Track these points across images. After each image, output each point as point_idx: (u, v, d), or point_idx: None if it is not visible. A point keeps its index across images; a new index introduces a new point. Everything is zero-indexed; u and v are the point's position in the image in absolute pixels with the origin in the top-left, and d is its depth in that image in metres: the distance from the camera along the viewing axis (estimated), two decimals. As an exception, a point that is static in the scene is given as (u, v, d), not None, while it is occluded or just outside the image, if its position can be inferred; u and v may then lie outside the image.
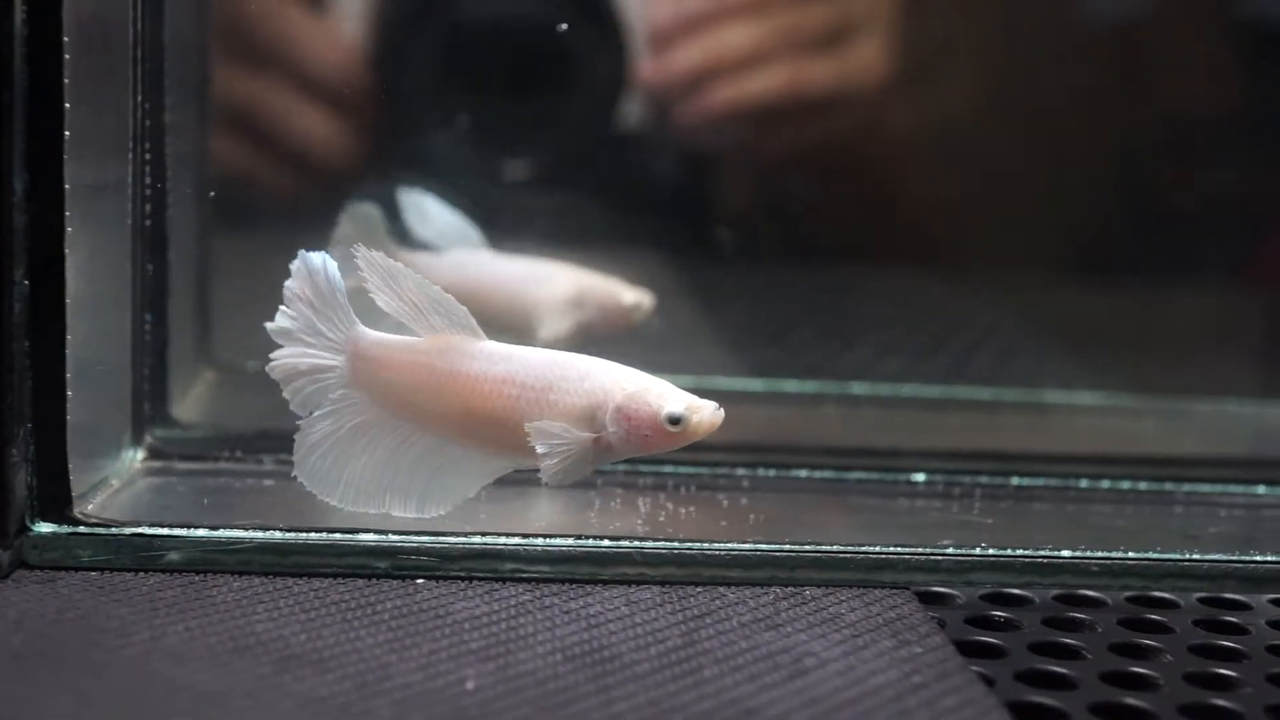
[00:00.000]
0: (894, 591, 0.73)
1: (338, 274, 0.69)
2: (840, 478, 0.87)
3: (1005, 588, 0.74)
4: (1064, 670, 0.65)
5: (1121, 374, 1.06)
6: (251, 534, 0.70)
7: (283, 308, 0.69)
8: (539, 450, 0.67)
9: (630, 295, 0.89)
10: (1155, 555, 0.75)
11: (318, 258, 0.68)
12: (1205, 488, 0.88)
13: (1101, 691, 0.63)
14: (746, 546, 0.72)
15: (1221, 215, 1.08)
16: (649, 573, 0.72)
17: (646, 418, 0.67)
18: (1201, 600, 0.75)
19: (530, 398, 0.68)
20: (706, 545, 0.72)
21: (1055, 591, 0.75)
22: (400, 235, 0.88)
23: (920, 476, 0.87)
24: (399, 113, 0.97)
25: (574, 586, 0.71)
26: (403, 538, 0.71)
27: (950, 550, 0.74)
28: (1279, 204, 1.08)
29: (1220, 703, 0.63)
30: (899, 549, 0.73)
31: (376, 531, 0.71)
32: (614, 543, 0.72)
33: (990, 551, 0.74)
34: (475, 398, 0.68)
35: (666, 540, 0.72)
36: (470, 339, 0.69)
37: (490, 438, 0.69)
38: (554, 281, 0.88)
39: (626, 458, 0.69)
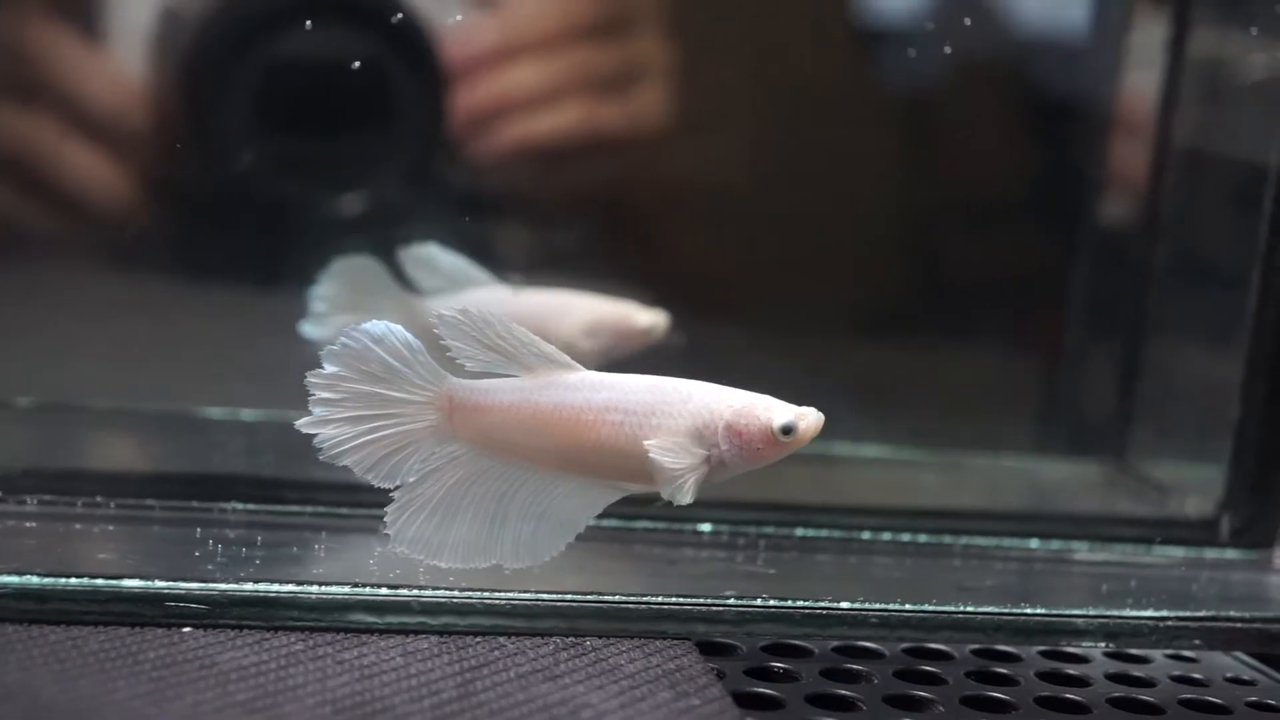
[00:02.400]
0: (675, 642, 0.72)
1: (406, 334, 0.66)
2: (627, 526, 0.86)
3: (786, 639, 0.74)
4: (839, 722, 0.65)
5: (906, 428, 1.08)
6: (6, 579, 0.67)
7: (321, 397, 0.66)
8: (664, 464, 0.66)
9: (645, 317, 0.89)
10: (930, 608, 0.76)
11: (378, 326, 0.66)
12: (981, 540, 0.90)
13: (874, 743, 0.64)
14: (527, 596, 0.71)
15: (1002, 283, 1.12)
16: (428, 621, 0.70)
17: (759, 432, 0.68)
18: (974, 652, 0.76)
19: (635, 423, 0.67)
20: (486, 594, 0.71)
21: (835, 643, 0.75)
22: (406, 284, 0.87)
23: (706, 527, 0.87)
24: (204, 151, 0.94)
25: (349, 636, 0.69)
26: (170, 584, 0.68)
27: (731, 601, 0.74)
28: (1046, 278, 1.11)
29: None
30: (680, 599, 0.73)
31: (142, 577, 0.68)
32: (391, 591, 0.70)
33: (771, 603, 0.74)
34: (581, 428, 0.67)
35: (446, 588, 0.71)
36: (567, 371, 0.68)
37: (597, 467, 0.68)
38: (571, 311, 0.88)
39: (740, 472, 0.69)
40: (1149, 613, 0.78)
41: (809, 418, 0.69)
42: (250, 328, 0.94)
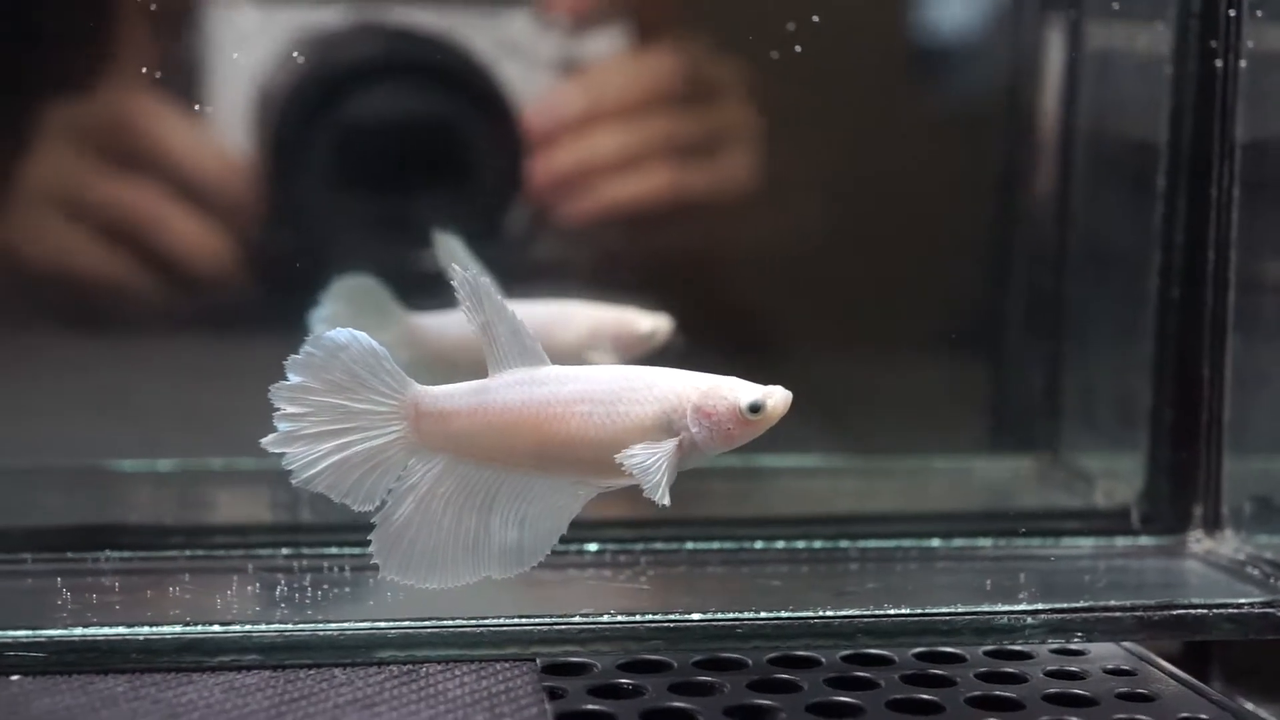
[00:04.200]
0: (518, 664, 0.71)
1: (371, 340, 0.65)
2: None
3: (637, 655, 0.73)
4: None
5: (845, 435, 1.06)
6: None
7: (287, 411, 0.64)
8: (636, 472, 0.65)
9: (646, 322, 0.89)
10: (785, 615, 0.74)
11: (342, 334, 0.64)
12: (875, 543, 0.88)
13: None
14: (361, 626, 0.71)
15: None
16: (260, 658, 0.69)
17: (727, 411, 0.67)
18: (845, 659, 0.75)
19: (602, 412, 0.66)
20: (320, 626, 0.70)
21: (697, 656, 0.74)
22: (404, 303, 0.87)
23: (593, 546, 0.86)
24: (289, 214, 0.96)
25: (178, 675, 0.69)
26: (3, 633, 0.68)
27: (576, 619, 0.72)
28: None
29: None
30: (519, 620, 0.72)
31: (-33, 628, 0.68)
32: (224, 628, 0.70)
33: (619, 619, 0.73)
34: (550, 422, 0.67)
35: (280, 624, 0.70)
36: (534, 368, 0.67)
37: (570, 462, 0.67)
38: (572, 321, 0.88)
39: (713, 454, 0.68)
40: (1021, 607, 0.76)
41: (776, 395, 0.68)
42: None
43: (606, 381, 0.68)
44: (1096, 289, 1.03)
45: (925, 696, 0.70)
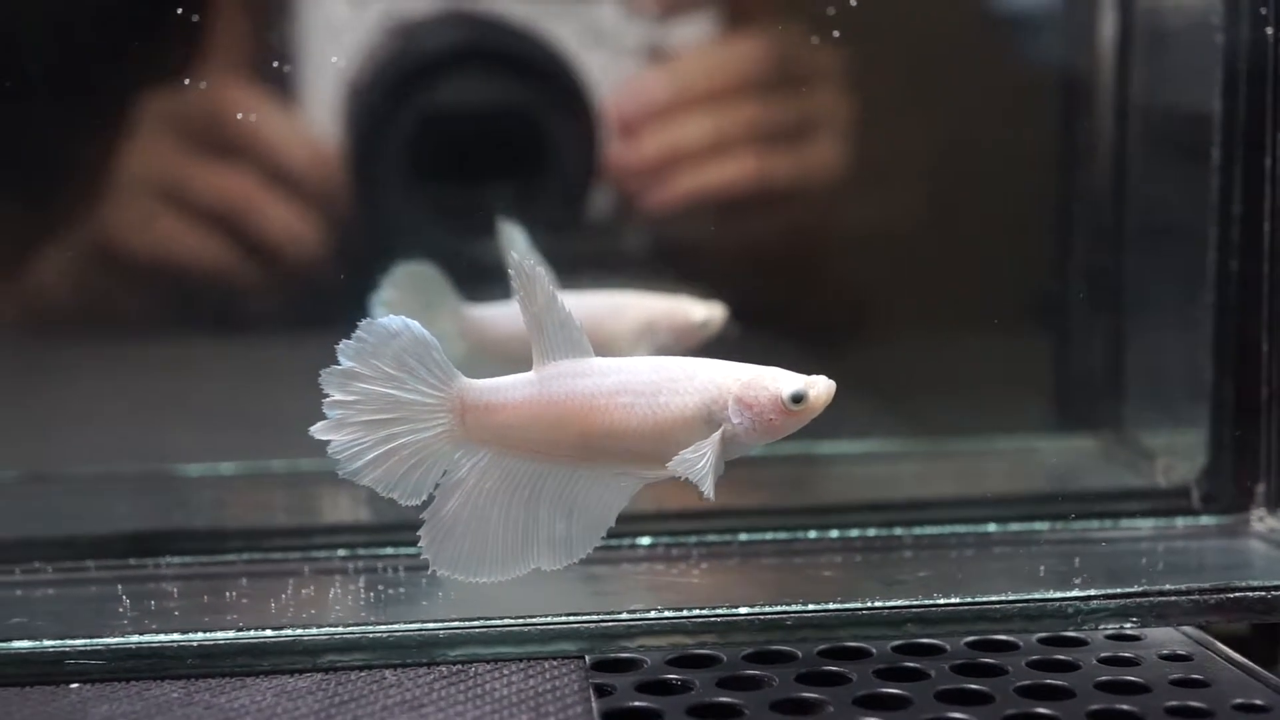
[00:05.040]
0: (565, 662, 0.72)
1: (423, 330, 0.66)
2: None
3: (686, 650, 0.73)
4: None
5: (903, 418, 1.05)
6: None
7: (335, 398, 0.65)
8: (683, 470, 0.66)
9: (700, 311, 0.89)
10: (833, 607, 0.74)
11: (395, 321, 0.65)
12: (932, 530, 0.87)
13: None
14: (411, 627, 0.72)
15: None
16: (314, 660, 0.70)
17: (769, 402, 0.67)
18: (896, 649, 0.74)
19: (645, 404, 0.67)
20: (369, 628, 0.71)
21: (746, 650, 0.74)
22: (479, 293, 0.88)
23: (646, 540, 0.86)
24: (372, 203, 0.97)
25: (231, 680, 0.70)
26: (59, 642, 0.70)
27: (624, 616, 0.73)
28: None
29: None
30: (568, 618, 0.72)
31: (29, 639, 0.70)
32: (275, 632, 0.71)
33: (666, 614, 0.73)
34: (594, 414, 0.67)
35: (330, 626, 0.71)
36: (578, 360, 0.68)
37: (613, 453, 0.68)
38: (625, 311, 0.88)
39: (756, 446, 0.68)
40: (1074, 593, 0.75)
41: (819, 385, 0.68)
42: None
43: (648, 373, 0.68)
44: (1157, 264, 1.01)
45: (975, 687, 0.69)
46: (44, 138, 0.95)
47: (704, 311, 0.89)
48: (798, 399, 0.67)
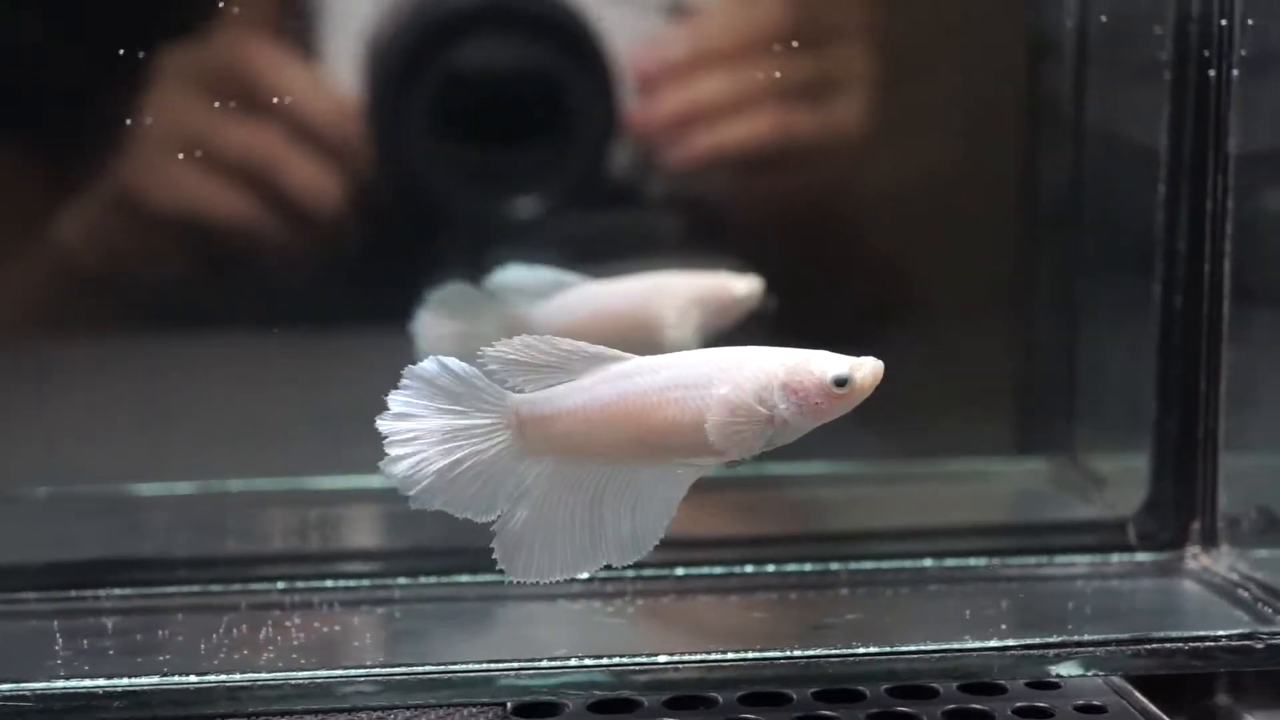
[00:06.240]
0: (485, 709, 0.73)
1: (460, 362, 0.67)
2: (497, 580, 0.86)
3: (605, 697, 0.74)
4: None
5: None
6: None
7: (396, 439, 0.66)
8: (714, 430, 0.67)
9: (741, 286, 0.90)
10: (754, 656, 0.75)
11: (429, 364, 0.67)
12: (869, 565, 0.88)
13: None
14: (335, 674, 0.73)
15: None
16: (236, 707, 0.72)
17: (814, 387, 0.67)
18: (816, 695, 0.75)
19: (696, 395, 0.67)
20: (291, 674, 0.72)
21: (665, 695, 0.75)
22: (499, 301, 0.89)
23: (583, 574, 0.87)
24: (392, 161, 0.97)
25: (149, 727, 0.71)
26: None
27: (544, 663, 0.74)
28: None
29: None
30: (489, 666, 0.73)
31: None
32: (198, 679, 0.72)
33: (586, 662, 0.74)
34: (649, 411, 0.68)
35: (253, 673, 0.72)
36: (619, 361, 0.69)
37: (671, 447, 0.68)
38: (668, 291, 0.89)
39: (805, 431, 0.68)
40: (992, 644, 0.76)
41: (865, 368, 0.67)
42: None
43: (697, 366, 0.68)
44: (1110, 293, 1.01)
45: (877, 741, 0.70)
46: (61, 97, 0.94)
47: (744, 287, 0.90)
48: (841, 382, 0.67)
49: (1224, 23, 0.85)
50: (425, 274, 0.91)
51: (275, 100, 0.95)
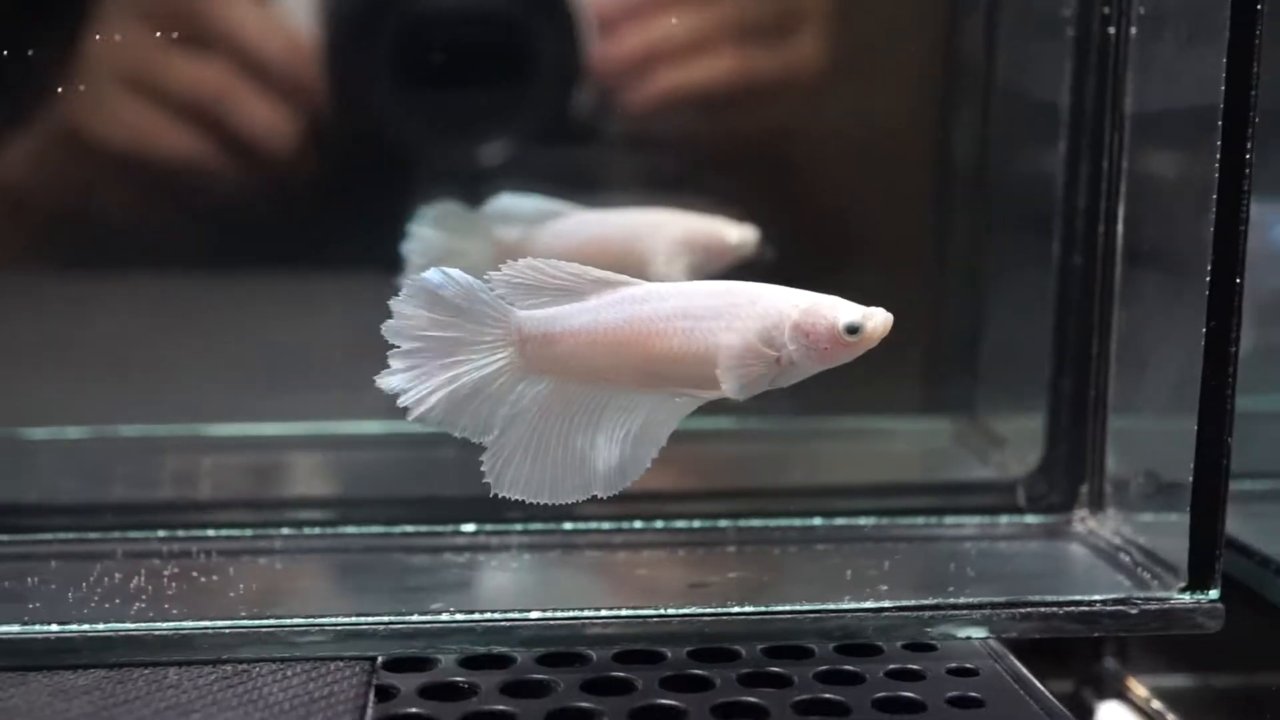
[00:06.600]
0: (353, 664, 0.72)
1: (464, 274, 0.66)
2: (387, 532, 0.86)
3: (474, 652, 0.74)
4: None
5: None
6: None
7: (400, 349, 0.66)
8: (722, 364, 0.66)
9: (735, 233, 0.89)
10: (627, 614, 0.74)
11: (435, 275, 0.66)
12: (758, 523, 0.88)
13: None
14: (200, 625, 0.72)
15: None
16: (98, 657, 0.71)
17: (825, 331, 0.67)
18: (690, 654, 0.75)
19: (705, 328, 0.67)
20: (155, 625, 0.71)
21: (539, 651, 0.74)
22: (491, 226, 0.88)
23: (470, 527, 0.86)
24: (352, 103, 0.95)
25: (13, 675, 0.70)
26: None
27: (414, 618, 0.73)
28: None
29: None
30: (357, 619, 0.73)
31: None
32: (60, 628, 0.71)
33: (458, 617, 0.73)
34: (654, 339, 0.67)
35: (115, 623, 0.71)
36: (629, 286, 0.68)
37: (674, 377, 0.68)
38: (662, 229, 0.88)
39: (810, 374, 0.69)
40: (866, 605, 0.75)
41: (876, 318, 0.67)
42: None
43: (709, 297, 0.68)
44: (1015, 252, 1.00)
45: (752, 700, 0.70)
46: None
47: (739, 234, 0.89)
48: (853, 330, 0.67)
49: (1123, -24, 0.83)
50: (382, 218, 0.90)
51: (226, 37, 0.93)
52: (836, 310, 0.67)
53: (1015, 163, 0.99)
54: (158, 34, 0.92)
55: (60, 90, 0.92)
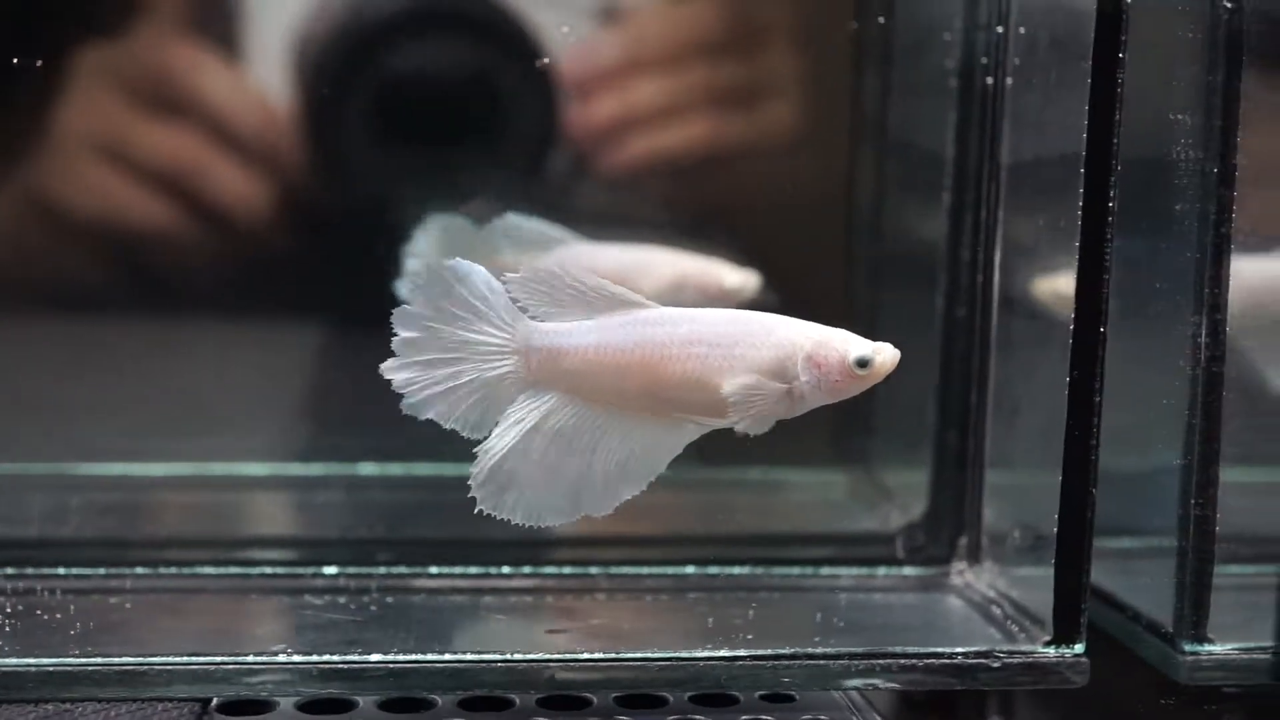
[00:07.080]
0: (182, 705, 0.70)
1: (485, 272, 0.66)
2: (245, 573, 0.84)
3: (315, 697, 0.71)
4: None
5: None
6: None
7: (404, 336, 0.66)
8: (732, 399, 0.66)
9: (734, 277, 0.88)
10: (473, 658, 0.72)
11: (463, 265, 0.65)
12: (629, 570, 0.86)
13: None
14: (25, 662, 0.69)
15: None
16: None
17: (836, 364, 0.67)
18: (540, 701, 0.73)
19: (719, 355, 0.66)
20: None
21: (378, 696, 0.72)
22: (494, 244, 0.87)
23: (331, 570, 0.84)
24: (324, 169, 0.95)
25: None
26: None
27: (249, 658, 0.71)
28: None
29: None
30: (188, 659, 0.70)
31: None
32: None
33: (295, 659, 0.71)
34: (665, 363, 0.66)
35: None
36: (644, 308, 0.67)
37: (681, 403, 0.67)
38: (654, 269, 0.87)
39: (818, 405, 0.68)
40: (722, 653, 0.73)
41: (885, 352, 0.68)
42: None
43: (723, 324, 0.67)
44: (908, 303, 0.99)
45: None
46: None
47: (737, 278, 0.88)
48: (863, 363, 0.67)
49: (1000, 29, 0.83)
50: (356, 279, 0.91)
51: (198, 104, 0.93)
52: (847, 344, 0.68)
53: (904, 216, 0.98)
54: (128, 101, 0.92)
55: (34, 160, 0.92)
